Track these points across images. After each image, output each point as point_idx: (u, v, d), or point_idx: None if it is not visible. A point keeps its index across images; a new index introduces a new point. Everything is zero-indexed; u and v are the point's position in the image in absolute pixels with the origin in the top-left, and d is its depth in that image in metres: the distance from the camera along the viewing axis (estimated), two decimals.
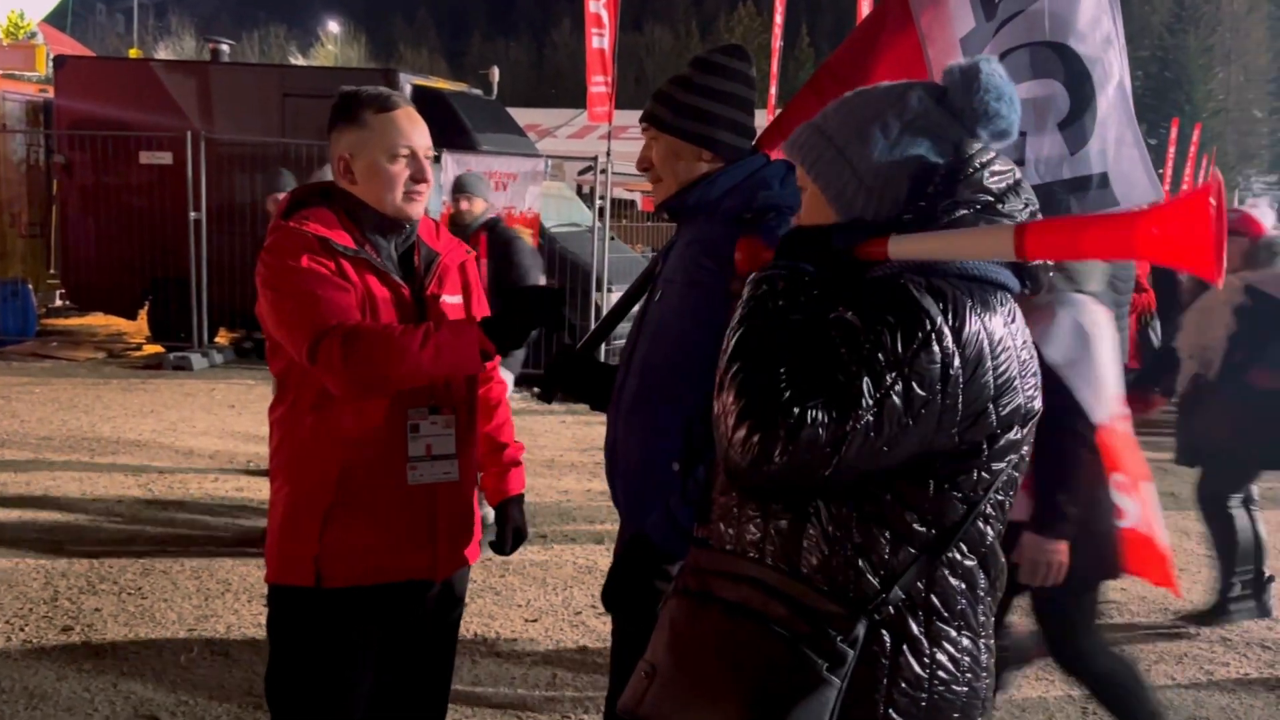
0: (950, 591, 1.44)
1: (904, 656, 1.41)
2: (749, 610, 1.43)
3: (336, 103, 2.17)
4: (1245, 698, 3.94)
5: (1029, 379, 1.45)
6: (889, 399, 1.33)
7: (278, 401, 2.21)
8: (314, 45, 75.66)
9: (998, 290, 1.45)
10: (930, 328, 1.34)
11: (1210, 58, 75.82)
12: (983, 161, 1.47)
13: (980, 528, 1.46)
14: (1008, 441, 1.43)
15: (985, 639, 1.50)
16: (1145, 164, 2.73)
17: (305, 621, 2.16)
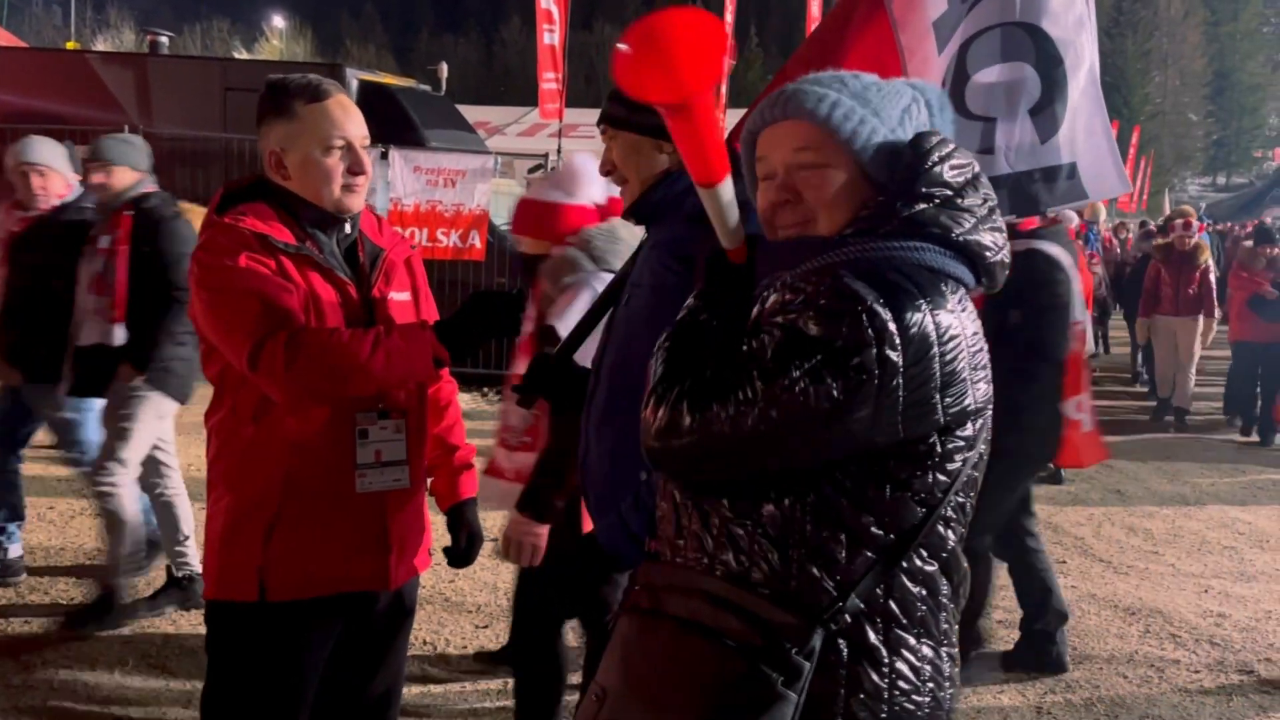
0: (910, 599, 1.39)
1: (862, 667, 1.36)
2: (700, 625, 1.37)
3: (264, 94, 2.06)
4: (1196, 695, 3.97)
5: (979, 372, 1.40)
6: (807, 382, 1.29)
7: (215, 407, 2.10)
8: (258, 40, 74.56)
9: (947, 280, 1.41)
10: (860, 310, 1.29)
11: (1148, 62, 77.61)
12: (942, 155, 1.43)
13: (941, 532, 1.42)
14: (961, 438, 1.39)
15: (948, 647, 1.45)
16: (1114, 154, 2.70)
17: (248, 638, 2.06)
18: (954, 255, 1.42)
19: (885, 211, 1.41)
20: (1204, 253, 9.28)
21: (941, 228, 1.40)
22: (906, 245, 1.39)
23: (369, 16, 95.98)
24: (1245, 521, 6.44)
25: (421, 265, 2.32)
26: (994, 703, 3.82)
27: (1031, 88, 2.67)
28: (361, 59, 65.51)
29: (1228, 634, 4.59)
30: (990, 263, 1.45)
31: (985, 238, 1.44)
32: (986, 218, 1.45)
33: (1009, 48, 2.66)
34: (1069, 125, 2.67)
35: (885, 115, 1.46)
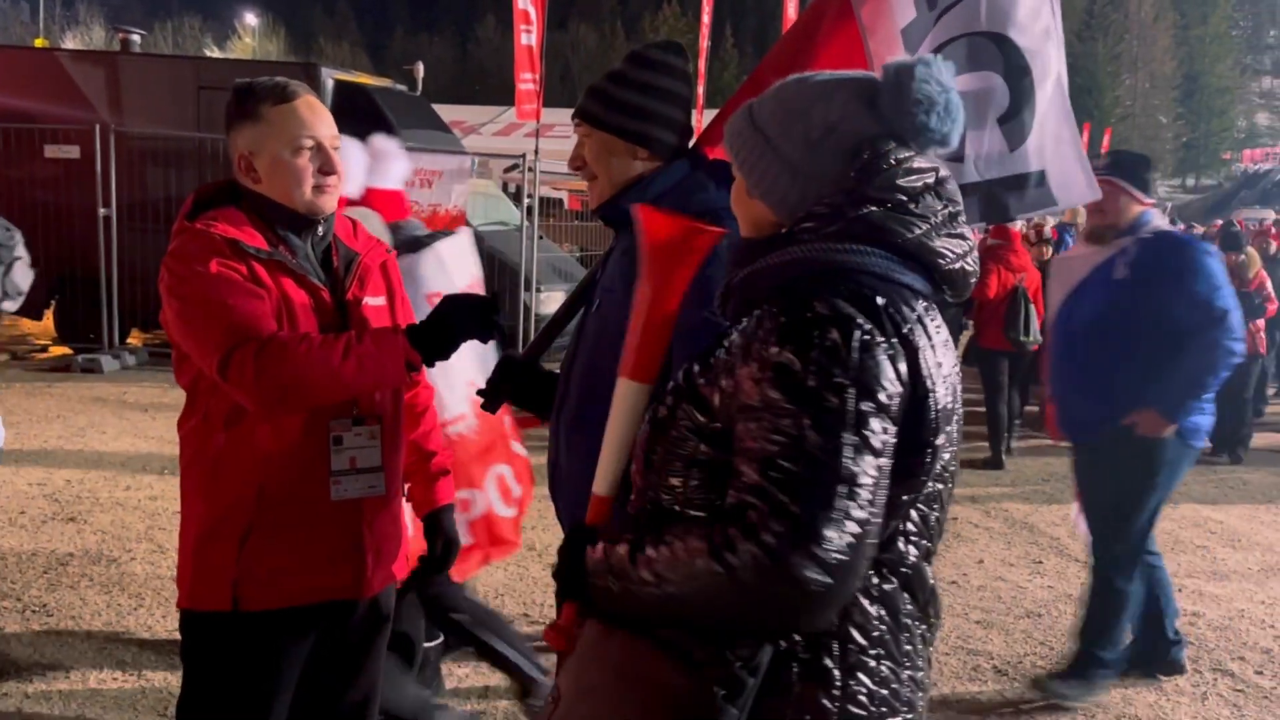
0: (867, 618, 1.36)
1: (814, 687, 1.33)
2: (652, 634, 1.36)
3: (231, 98, 2.04)
4: (1171, 693, 4.01)
5: (943, 383, 1.38)
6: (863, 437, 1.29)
7: (187, 414, 2.07)
8: (230, 38, 73.93)
9: (903, 290, 1.38)
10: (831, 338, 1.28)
11: (1118, 64, 78.43)
12: (897, 159, 1.41)
13: (900, 547, 1.39)
14: (922, 450, 1.36)
15: (910, 670, 1.41)
16: (1082, 161, 2.72)
17: (223, 648, 2.03)
18: (902, 261, 1.39)
19: (833, 213, 1.39)
20: None
21: (888, 232, 1.38)
22: (850, 248, 1.37)
23: (343, 14, 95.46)
24: (1217, 521, 6.51)
25: (398, 269, 2.30)
26: (971, 702, 3.84)
27: (1000, 97, 2.68)
28: (335, 57, 65.12)
29: (1202, 633, 4.63)
30: (947, 270, 1.42)
31: (940, 244, 1.41)
32: (944, 224, 1.42)
33: (977, 57, 2.67)
34: (1037, 134, 2.68)
35: (771, 129, 1.46)
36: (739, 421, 1.32)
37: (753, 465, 1.27)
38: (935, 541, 1.46)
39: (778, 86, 1.51)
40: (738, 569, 1.23)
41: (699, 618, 1.31)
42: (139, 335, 10.90)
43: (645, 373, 1.58)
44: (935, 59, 1.47)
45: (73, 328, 10.47)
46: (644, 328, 1.57)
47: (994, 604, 4.87)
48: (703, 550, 1.26)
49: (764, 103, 1.50)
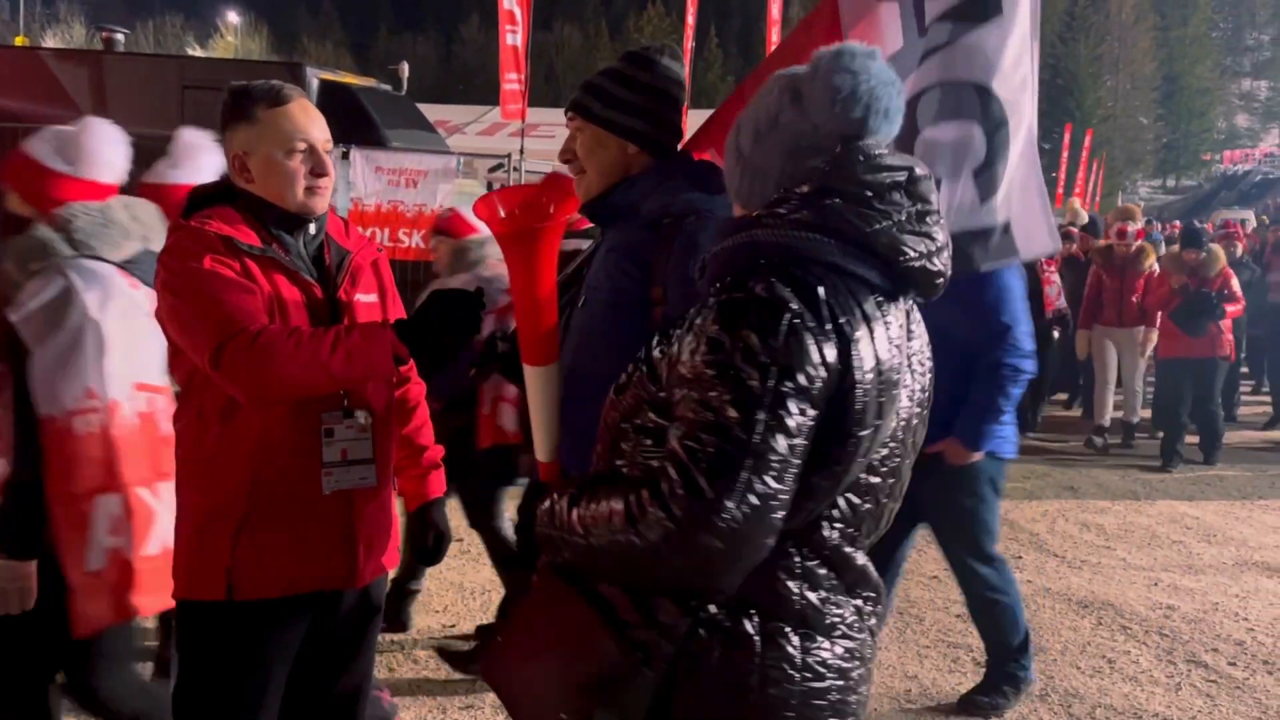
0: (789, 591, 1.42)
1: (733, 653, 1.40)
2: (590, 591, 1.45)
3: (226, 100, 2.09)
4: (1146, 685, 4.08)
5: (889, 375, 1.41)
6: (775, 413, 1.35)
7: (181, 409, 2.12)
8: (213, 36, 73.48)
9: (855, 281, 1.42)
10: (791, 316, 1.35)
11: (1099, 66, 78.84)
12: (867, 155, 1.45)
13: (823, 532, 1.44)
14: (851, 441, 1.39)
15: (844, 640, 1.46)
16: (1045, 213, 2.73)
17: (217, 636, 2.07)
18: (860, 254, 1.42)
19: (800, 201, 1.44)
20: (1149, 257, 8.34)
21: (848, 224, 1.42)
22: (808, 236, 1.41)
23: (327, 14, 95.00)
24: (1193, 517, 6.61)
25: (388, 268, 2.34)
26: (951, 694, 3.91)
27: (978, 149, 2.70)
28: (319, 57, 64.83)
29: (1176, 625, 4.71)
30: (906, 267, 1.44)
31: (902, 240, 1.43)
32: (909, 222, 1.45)
33: (959, 105, 2.69)
34: (1006, 186, 2.71)
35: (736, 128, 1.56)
36: (675, 391, 1.39)
37: (676, 433, 1.35)
38: (866, 529, 1.50)
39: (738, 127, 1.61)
40: (644, 531, 1.32)
41: (616, 571, 1.40)
42: None
43: (540, 357, 1.67)
44: (861, 46, 1.51)
45: None
46: (523, 314, 1.65)
47: None
48: (620, 511, 1.35)
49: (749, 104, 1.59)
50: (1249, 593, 5.21)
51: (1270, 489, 7.48)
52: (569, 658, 1.43)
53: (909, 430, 1.53)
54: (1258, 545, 6.05)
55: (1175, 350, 7.94)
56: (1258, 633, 4.67)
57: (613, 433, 1.51)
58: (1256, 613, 4.92)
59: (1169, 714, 3.84)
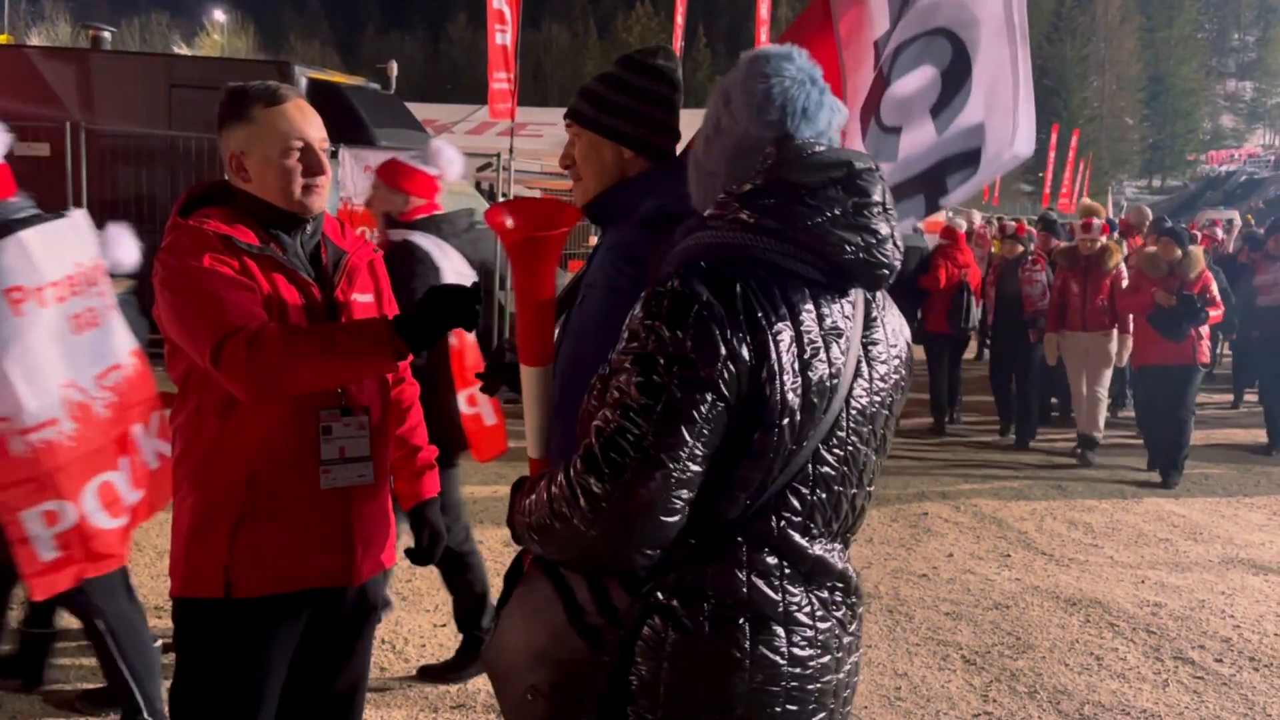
0: (738, 582, 1.45)
1: (685, 642, 1.44)
2: (562, 583, 1.52)
3: (224, 100, 2.10)
4: (1134, 682, 4.12)
5: (817, 364, 1.44)
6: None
7: (179, 407, 2.12)
8: (199, 35, 73.19)
9: (787, 277, 1.46)
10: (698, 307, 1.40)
11: (1086, 66, 79.29)
12: (800, 154, 1.50)
13: (770, 523, 1.47)
14: (784, 430, 1.42)
15: (802, 630, 1.49)
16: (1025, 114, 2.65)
17: (216, 634, 2.08)
18: (795, 250, 1.45)
19: (737, 203, 1.49)
20: (1114, 256, 7.80)
21: (780, 221, 1.46)
22: (741, 235, 1.46)
23: (313, 12, 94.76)
24: (1179, 515, 6.66)
25: (384, 268, 2.35)
26: (940, 691, 3.93)
27: (934, 88, 2.71)
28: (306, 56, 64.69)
29: (1163, 623, 4.75)
30: (843, 261, 1.47)
31: (835, 235, 1.46)
32: (845, 217, 1.47)
33: (924, 55, 2.70)
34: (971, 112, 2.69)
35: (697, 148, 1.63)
36: None
37: (600, 414, 1.43)
38: (821, 519, 1.51)
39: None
40: (557, 507, 1.41)
41: (550, 550, 1.48)
42: None
43: (535, 357, 1.75)
44: (778, 48, 1.58)
45: None
46: (523, 317, 1.73)
47: (963, 596, 4.98)
48: (546, 488, 1.45)
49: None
50: (1235, 590, 5.26)
51: (1255, 487, 7.55)
52: (535, 638, 1.52)
53: (866, 420, 1.54)
54: (1243, 543, 6.10)
55: (1151, 357, 7.46)
56: (1244, 629, 4.71)
57: (585, 426, 1.56)
58: (1242, 610, 4.97)
59: (1156, 710, 3.87)
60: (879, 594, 4.92)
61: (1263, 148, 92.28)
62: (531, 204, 1.85)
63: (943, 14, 2.70)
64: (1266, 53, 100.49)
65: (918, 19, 2.72)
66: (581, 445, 1.43)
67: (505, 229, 1.72)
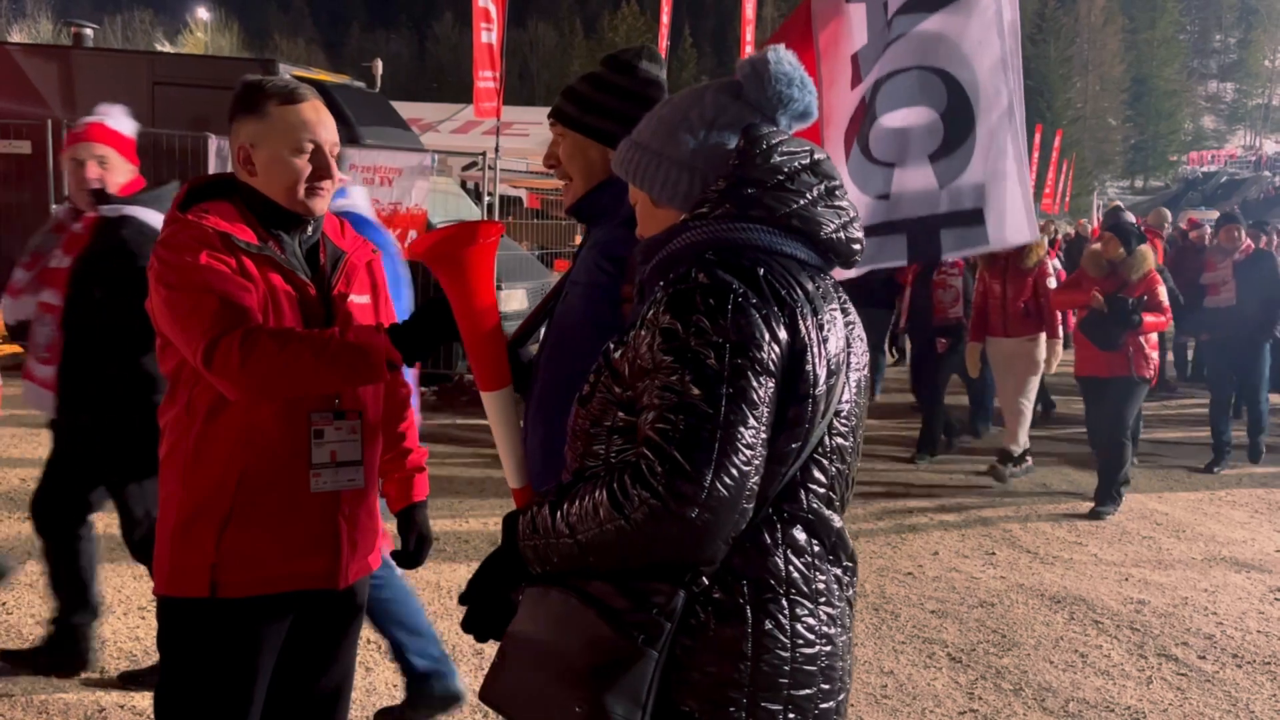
0: (774, 560, 1.48)
1: (726, 625, 1.45)
2: (578, 589, 1.49)
3: (239, 92, 2.09)
4: (1118, 679, 4.14)
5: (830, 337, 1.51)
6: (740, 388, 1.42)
7: (168, 403, 2.10)
8: (182, 33, 72.77)
9: (786, 259, 1.52)
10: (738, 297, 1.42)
11: (1069, 67, 79.70)
12: (771, 143, 1.56)
13: (800, 497, 1.51)
14: (809, 402, 1.47)
15: (826, 607, 1.52)
16: (1025, 200, 2.72)
17: (200, 634, 2.06)
18: (784, 233, 1.53)
19: (720, 197, 1.55)
20: (1034, 253, 7.00)
21: (767, 208, 1.53)
22: (736, 226, 1.52)
23: (298, 10, 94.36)
24: (1162, 512, 6.70)
25: (382, 269, 2.34)
26: (926, 689, 3.95)
27: (934, 134, 2.70)
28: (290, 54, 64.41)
29: (1147, 620, 4.78)
30: (826, 238, 1.56)
31: (818, 215, 1.56)
32: (822, 198, 1.57)
33: (918, 92, 2.70)
34: (976, 169, 2.70)
35: (656, 144, 1.63)
36: (638, 385, 1.47)
37: (646, 420, 1.42)
38: (840, 492, 1.58)
39: (652, 111, 1.69)
40: (631, 513, 1.38)
41: (609, 560, 1.44)
42: None
43: (492, 381, 1.74)
44: (779, 49, 1.64)
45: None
46: (470, 343, 1.73)
47: (949, 594, 5.00)
48: (603, 499, 1.41)
49: (643, 127, 1.67)
50: (1218, 587, 5.30)
51: (1238, 484, 7.61)
52: (570, 653, 1.46)
53: (860, 390, 1.62)
54: (1226, 540, 6.14)
55: (1087, 367, 6.66)
56: (1227, 627, 4.75)
57: (582, 439, 1.57)
58: (1225, 607, 5.01)
59: (1140, 707, 3.90)
60: (864, 592, 4.93)
61: (1243, 149, 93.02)
62: (452, 227, 1.84)
63: (940, 55, 2.70)
64: (1247, 54, 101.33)
65: (909, 51, 2.71)
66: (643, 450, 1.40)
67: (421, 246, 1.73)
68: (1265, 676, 4.23)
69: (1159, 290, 6.50)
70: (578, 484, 1.49)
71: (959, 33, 2.65)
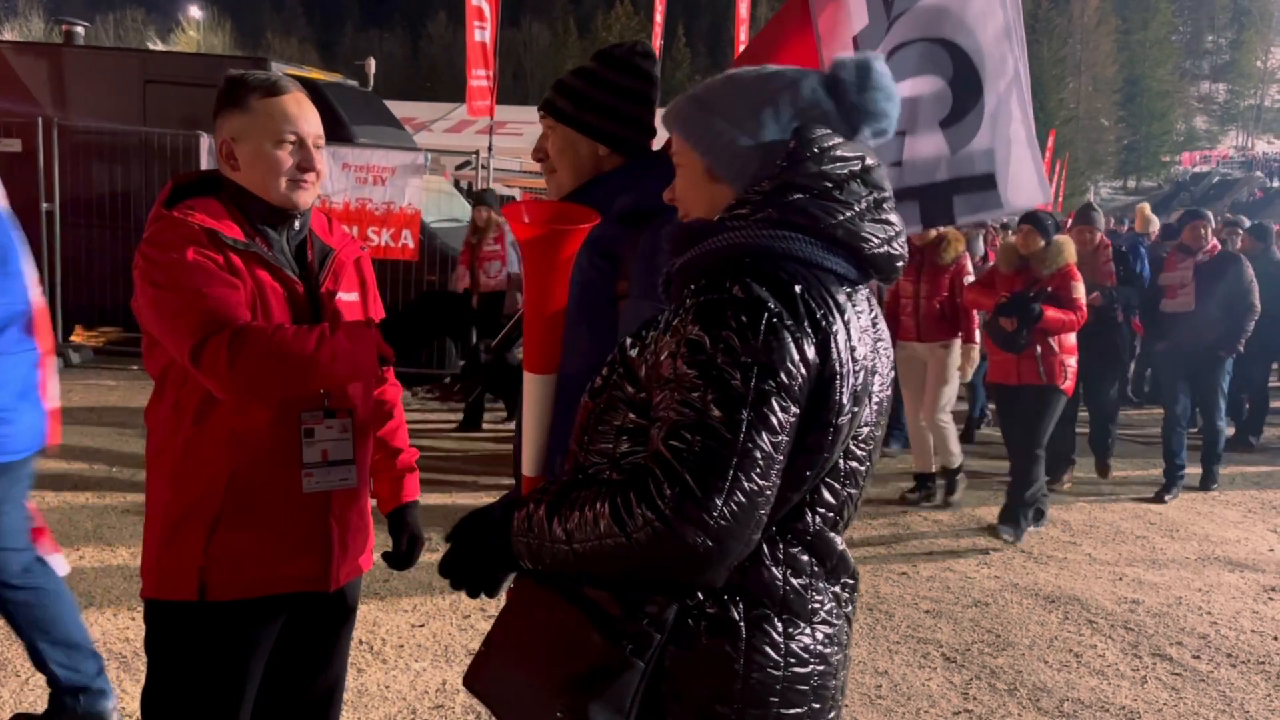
0: (772, 578, 1.44)
1: (719, 640, 1.41)
2: (570, 591, 1.44)
3: (222, 87, 2.07)
4: (1113, 678, 4.14)
5: (856, 362, 1.44)
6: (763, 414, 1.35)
7: (155, 403, 2.08)
8: (174, 31, 72.60)
9: (826, 275, 1.44)
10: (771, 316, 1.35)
11: (1062, 68, 79.92)
12: (823, 147, 1.47)
13: (806, 518, 1.46)
14: (828, 428, 1.41)
15: (823, 626, 1.49)
16: (1035, 163, 2.74)
17: (188, 638, 2.04)
18: (827, 246, 1.44)
19: (763, 200, 1.46)
20: (952, 248, 6.36)
21: (813, 218, 1.44)
22: (777, 234, 1.43)
23: (291, 9, 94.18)
24: (1156, 512, 6.71)
25: (371, 266, 2.32)
26: (921, 689, 3.94)
27: (943, 101, 2.70)
28: (283, 53, 64.25)
29: (1141, 619, 4.78)
30: (870, 254, 1.47)
31: (864, 229, 1.46)
32: (869, 210, 1.48)
33: (925, 62, 2.69)
34: (986, 135, 2.70)
35: (730, 113, 1.51)
36: (655, 392, 1.40)
37: (659, 433, 1.35)
38: (846, 514, 1.54)
39: (729, 77, 1.56)
40: (632, 531, 1.32)
41: (604, 573, 1.39)
42: (83, 333, 10.70)
43: (543, 364, 1.67)
44: (880, 55, 1.56)
45: None
46: (533, 322, 1.67)
47: (943, 594, 4.99)
48: (605, 513, 1.35)
49: (717, 92, 1.55)
50: (1211, 587, 5.30)
51: (1230, 484, 7.62)
52: (556, 657, 1.43)
53: (882, 412, 1.56)
54: (1219, 540, 6.15)
55: (997, 372, 6.05)
56: (1221, 626, 4.75)
57: (589, 434, 1.52)
58: (1219, 606, 5.01)
59: (1135, 707, 3.89)
60: (859, 591, 4.92)
61: (1235, 149, 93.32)
62: (549, 205, 1.79)
63: (945, 26, 2.69)
64: (1239, 55, 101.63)
65: (917, 23, 2.71)
66: (652, 466, 1.34)
67: (522, 225, 1.67)
68: (1259, 676, 4.23)
69: (1073, 286, 5.83)
70: (578, 487, 1.44)
71: (961, 5, 2.66)
